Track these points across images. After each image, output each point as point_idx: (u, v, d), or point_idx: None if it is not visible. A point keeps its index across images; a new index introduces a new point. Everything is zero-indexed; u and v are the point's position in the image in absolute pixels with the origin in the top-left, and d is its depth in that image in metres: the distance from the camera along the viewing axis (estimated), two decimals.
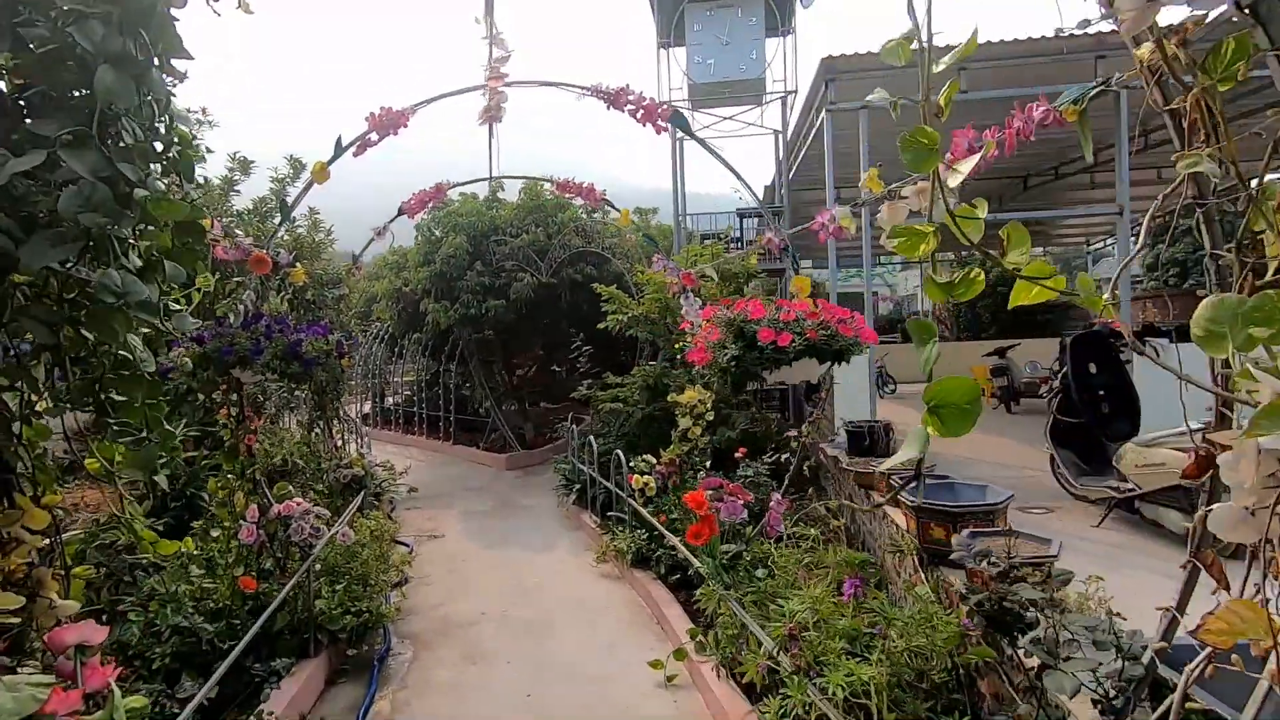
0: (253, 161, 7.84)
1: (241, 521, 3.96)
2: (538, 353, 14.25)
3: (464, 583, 5.95)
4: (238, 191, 7.93)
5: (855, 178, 10.26)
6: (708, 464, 5.78)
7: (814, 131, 10.00)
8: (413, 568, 6.18)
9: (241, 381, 4.03)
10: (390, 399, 16.77)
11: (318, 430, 6.00)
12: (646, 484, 5.56)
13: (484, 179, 6.03)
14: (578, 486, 7.85)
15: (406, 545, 6.96)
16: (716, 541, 3.51)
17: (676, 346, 6.45)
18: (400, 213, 6.10)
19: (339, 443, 5.97)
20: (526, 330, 12.14)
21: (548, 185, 12.29)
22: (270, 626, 4.10)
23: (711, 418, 5.71)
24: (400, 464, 10.55)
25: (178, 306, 3.13)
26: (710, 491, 3.74)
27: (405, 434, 14.43)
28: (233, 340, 3.58)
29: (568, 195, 5.72)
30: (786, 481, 3.70)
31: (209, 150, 7.68)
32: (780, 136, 13.28)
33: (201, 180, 7.81)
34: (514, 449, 11.64)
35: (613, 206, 5.75)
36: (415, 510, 8.63)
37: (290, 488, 4.30)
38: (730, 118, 13.13)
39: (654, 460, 5.90)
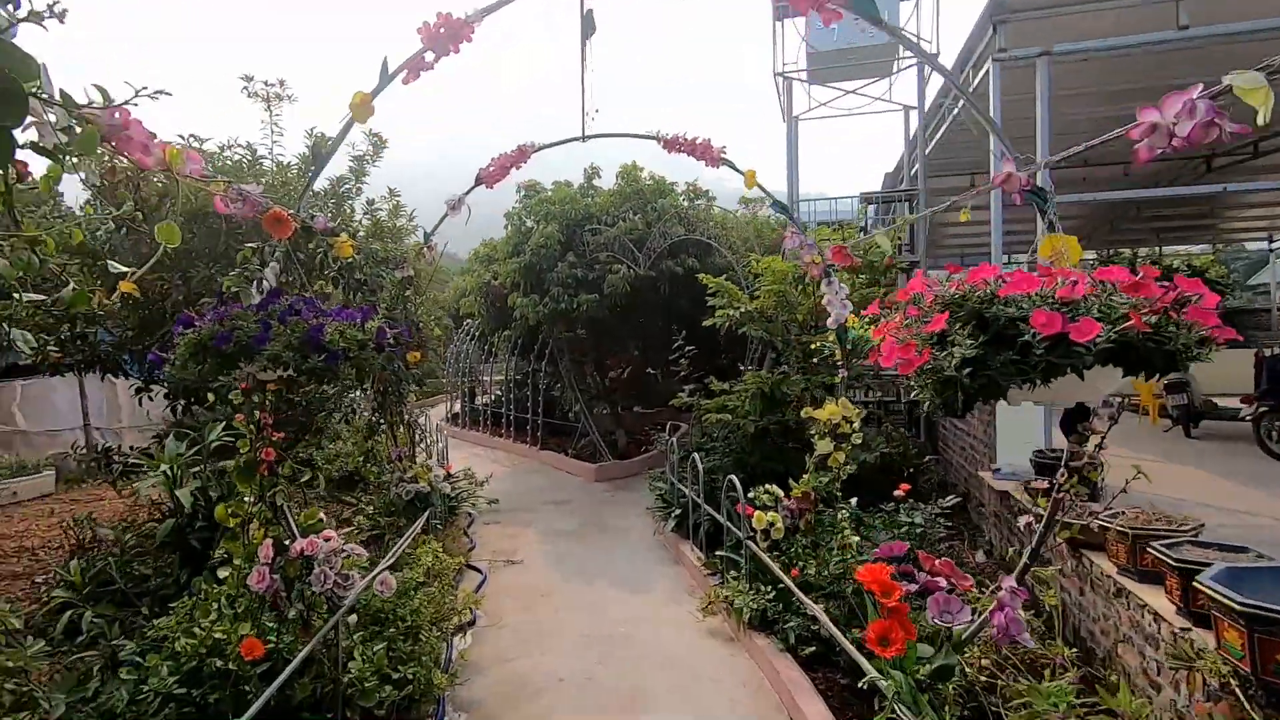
0: (330, 138, 7.18)
1: (253, 562, 3.04)
2: (632, 353, 13.21)
3: (540, 629, 4.90)
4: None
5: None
6: (853, 500, 4.45)
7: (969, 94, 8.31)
8: (483, 605, 5.20)
9: (260, 379, 3.12)
10: (481, 398, 16.27)
11: (379, 438, 5.16)
12: (773, 524, 4.28)
13: (575, 139, 4.97)
14: (677, 512, 6.66)
15: (480, 572, 6.02)
16: (914, 651, 2.23)
17: (815, 346, 5.14)
18: (478, 182, 5.15)
19: (403, 452, 5.09)
20: (620, 328, 11.09)
21: (650, 157, 11.27)
22: (289, 697, 3.17)
23: (859, 440, 4.38)
24: (484, 469, 9.77)
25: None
26: (892, 564, 2.46)
27: (493, 435, 13.79)
28: (234, 324, 2.65)
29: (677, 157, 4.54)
30: (1025, 559, 2.33)
31: (280, 131, 7.16)
32: (911, 112, 11.58)
33: (280, 160, 7.25)
34: (604, 458, 10.61)
35: (734, 168, 4.53)
36: (494, 526, 7.73)
37: (322, 515, 3.39)
38: (854, 91, 11.57)
39: (778, 491, 4.62)
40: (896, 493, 4.63)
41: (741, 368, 10.41)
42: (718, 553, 5.31)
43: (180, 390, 6.55)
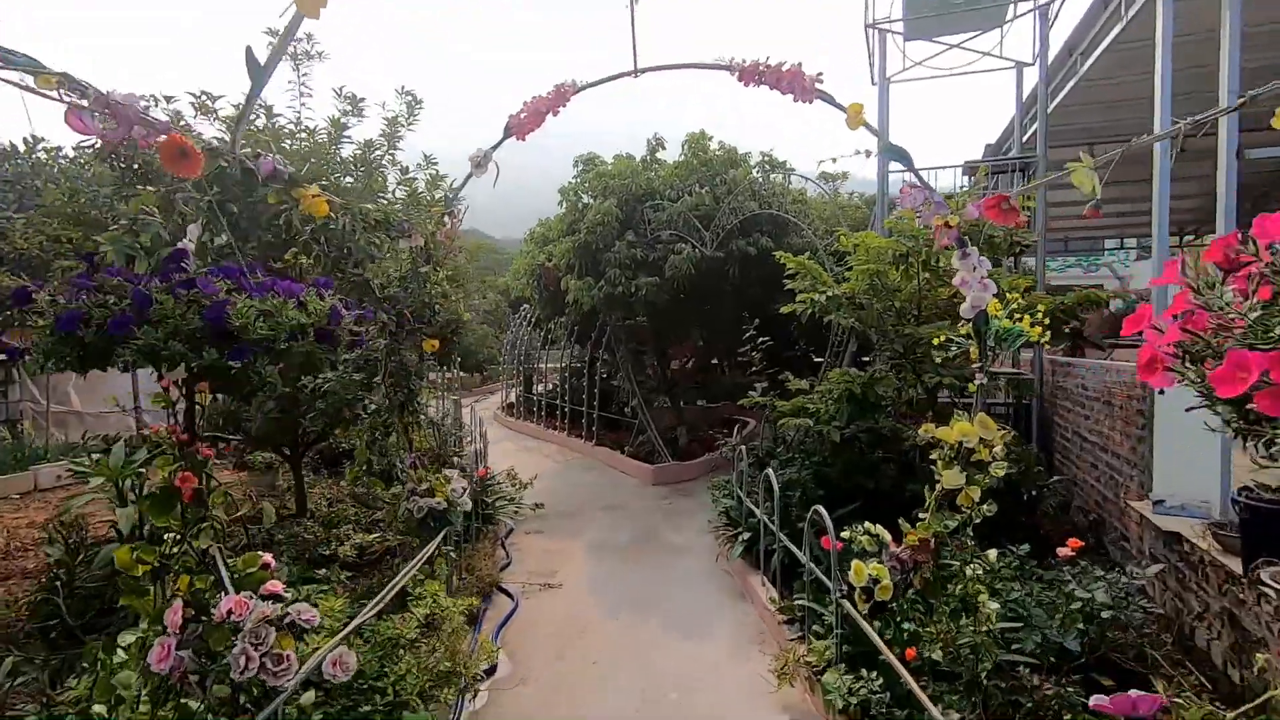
0: (363, 99, 6.40)
1: (157, 630, 2.20)
2: (696, 342, 12.13)
3: (574, 685, 3.96)
4: (348, 138, 6.55)
5: (1125, 127, 6.31)
6: (992, 553, 3.29)
7: (1114, 33, 6.73)
8: (508, 648, 4.31)
9: (190, 379, 2.26)
10: (539, 386, 15.57)
11: (392, 439, 4.35)
12: (877, 581, 3.18)
13: (626, 74, 3.95)
14: (745, 535, 5.59)
15: (511, 598, 5.15)
16: None
17: (938, 340, 3.96)
18: (508, 133, 4.20)
19: (416, 459, 4.26)
20: (683, 314, 10.02)
21: (719, 125, 10.10)
22: None
23: (1001, 472, 3.22)
24: (534, 466, 8.98)
25: None
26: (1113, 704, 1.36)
27: (546, 428, 13.02)
28: (92, 300, 1.79)
29: (758, 85, 3.44)
30: None
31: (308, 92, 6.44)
32: (1025, 70, 9.91)
33: (309, 125, 6.53)
34: (663, 458, 9.61)
35: (833, 103, 3.40)
36: (536, 536, 6.87)
37: (267, 559, 2.55)
38: (959, 45, 10.01)
39: (883, 533, 3.49)
40: (1063, 550, 3.42)
41: (817, 361, 9.20)
42: (797, 599, 4.23)
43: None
